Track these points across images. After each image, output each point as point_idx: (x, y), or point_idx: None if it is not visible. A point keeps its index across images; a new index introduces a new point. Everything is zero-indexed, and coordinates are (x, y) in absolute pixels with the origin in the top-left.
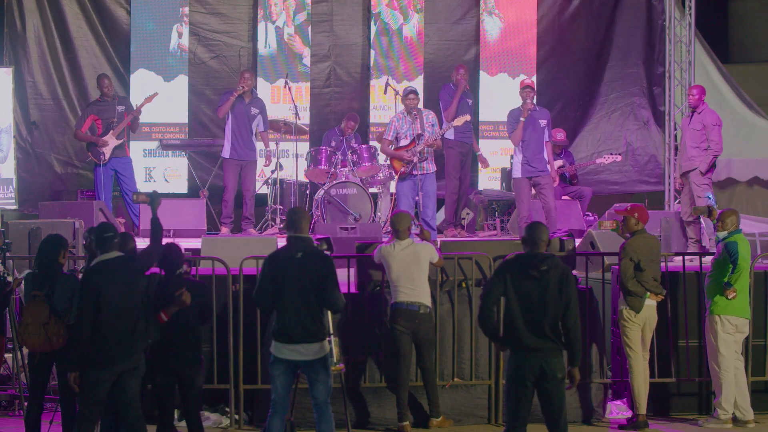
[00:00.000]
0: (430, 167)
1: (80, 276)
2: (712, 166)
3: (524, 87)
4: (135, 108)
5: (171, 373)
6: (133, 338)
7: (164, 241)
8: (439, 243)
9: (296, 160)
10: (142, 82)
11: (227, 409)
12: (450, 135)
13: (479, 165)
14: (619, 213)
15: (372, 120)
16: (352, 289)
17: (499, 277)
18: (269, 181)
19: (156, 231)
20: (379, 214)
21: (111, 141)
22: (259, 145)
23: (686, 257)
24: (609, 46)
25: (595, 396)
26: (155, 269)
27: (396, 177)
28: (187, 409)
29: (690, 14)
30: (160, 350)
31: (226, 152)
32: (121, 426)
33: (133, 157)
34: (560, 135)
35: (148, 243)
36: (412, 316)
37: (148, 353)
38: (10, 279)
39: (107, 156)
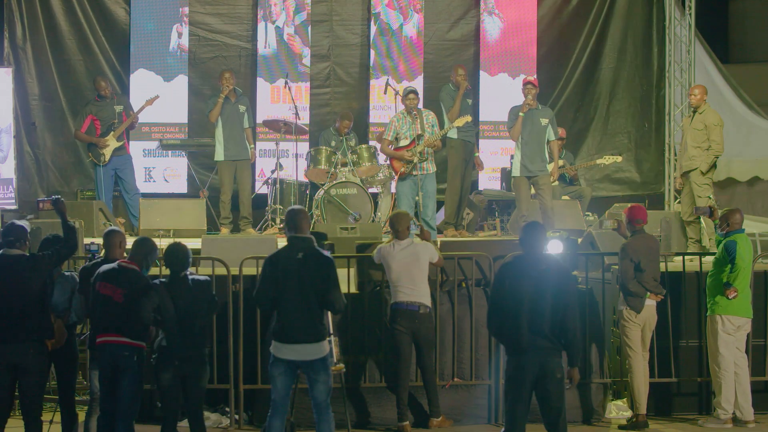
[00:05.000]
0: (430, 167)
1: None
2: (713, 166)
3: (526, 83)
4: (133, 108)
5: (177, 372)
6: (18, 335)
7: (165, 241)
8: (439, 243)
9: (296, 160)
10: (141, 82)
11: (227, 409)
12: (453, 134)
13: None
14: (623, 213)
15: (372, 120)
16: (352, 289)
17: (500, 280)
18: (269, 181)
19: (68, 235)
20: (379, 214)
21: (111, 143)
22: None
23: (686, 257)
24: (609, 47)
25: (595, 396)
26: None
27: (396, 177)
28: (190, 408)
29: (690, 14)
30: (166, 350)
31: (219, 155)
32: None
33: (132, 156)
34: (559, 131)
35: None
36: (411, 316)
37: (155, 354)
38: None
39: (107, 157)
